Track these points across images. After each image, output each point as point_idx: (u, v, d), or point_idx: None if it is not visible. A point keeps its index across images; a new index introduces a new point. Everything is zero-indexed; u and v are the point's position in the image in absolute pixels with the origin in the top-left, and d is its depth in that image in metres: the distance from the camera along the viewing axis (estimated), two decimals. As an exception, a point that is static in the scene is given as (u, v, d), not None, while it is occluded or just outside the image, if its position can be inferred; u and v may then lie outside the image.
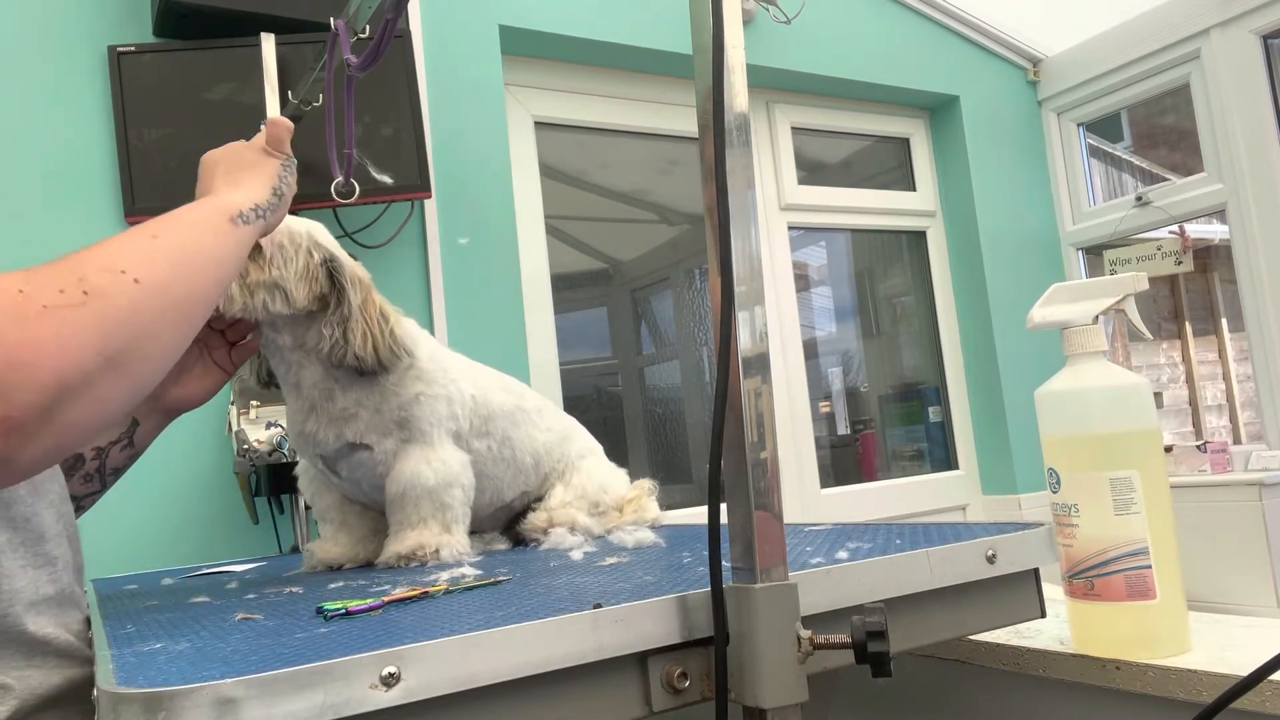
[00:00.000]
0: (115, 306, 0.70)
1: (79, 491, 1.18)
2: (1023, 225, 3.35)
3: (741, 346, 0.69)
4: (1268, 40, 2.86)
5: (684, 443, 2.86)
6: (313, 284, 1.12)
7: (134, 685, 0.56)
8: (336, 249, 1.17)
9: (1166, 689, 0.92)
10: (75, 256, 0.71)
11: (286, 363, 1.16)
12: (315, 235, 1.15)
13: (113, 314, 0.70)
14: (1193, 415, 5.87)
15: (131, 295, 0.72)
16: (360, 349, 1.11)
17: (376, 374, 1.14)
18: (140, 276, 0.73)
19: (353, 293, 1.13)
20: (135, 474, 1.59)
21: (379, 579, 1.03)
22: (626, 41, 2.60)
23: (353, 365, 1.12)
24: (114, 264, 0.72)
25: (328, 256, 1.14)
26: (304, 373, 1.15)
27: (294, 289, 1.10)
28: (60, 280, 0.68)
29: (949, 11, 3.25)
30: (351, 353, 1.11)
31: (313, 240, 1.14)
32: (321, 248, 1.14)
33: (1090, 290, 1.04)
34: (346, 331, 1.11)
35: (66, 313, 0.66)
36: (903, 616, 0.80)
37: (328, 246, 1.15)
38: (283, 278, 1.09)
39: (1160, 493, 0.97)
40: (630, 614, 0.68)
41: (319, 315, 1.13)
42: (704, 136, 0.72)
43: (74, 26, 1.94)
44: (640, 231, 2.95)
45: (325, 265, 1.13)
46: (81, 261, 0.71)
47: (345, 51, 1.45)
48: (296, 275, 1.10)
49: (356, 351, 1.11)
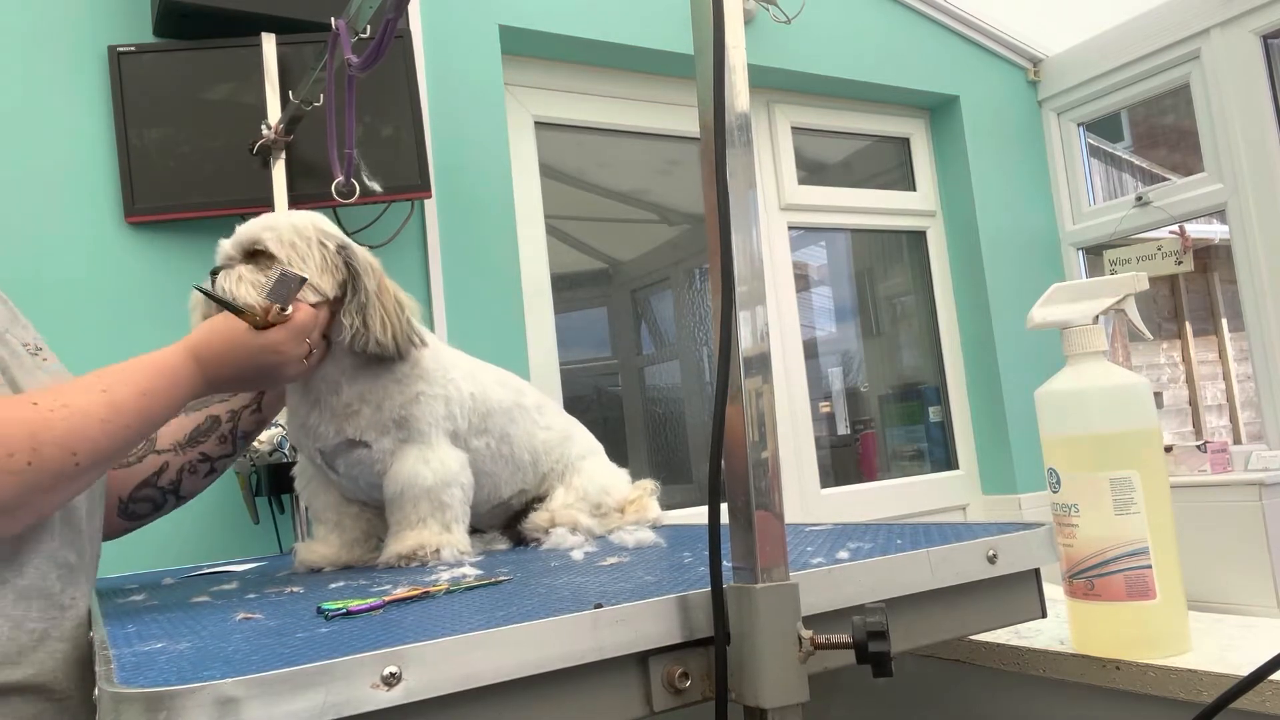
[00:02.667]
0: (47, 474, 0.86)
1: (214, 452, 1.25)
2: (1023, 225, 3.35)
3: (742, 346, 0.69)
4: (1268, 40, 2.86)
5: (684, 443, 2.86)
6: (334, 273, 1.12)
7: (135, 685, 0.56)
8: (344, 236, 1.17)
9: (1166, 689, 0.92)
10: (44, 418, 0.86)
11: None
12: (321, 225, 1.15)
13: (40, 482, 0.86)
14: (1193, 415, 5.87)
15: (67, 471, 0.87)
16: (381, 335, 1.11)
17: (394, 361, 1.14)
18: (82, 460, 0.88)
19: (368, 279, 1.13)
20: (135, 474, 1.59)
21: (379, 579, 1.03)
22: (626, 41, 2.60)
23: (375, 352, 1.12)
24: (68, 444, 0.87)
25: (340, 244, 1.14)
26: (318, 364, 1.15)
27: (320, 281, 1.10)
28: (15, 445, 0.83)
29: (949, 11, 3.25)
30: (373, 339, 1.11)
31: (321, 231, 1.14)
32: (331, 236, 1.14)
33: (1090, 290, 1.04)
34: (366, 318, 1.11)
35: (3, 476, 0.83)
36: (903, 616, 0.80)
37: (336, 235, 1.16)
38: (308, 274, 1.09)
39: (1160, 493, 0.97)
40: (631, 614, 0.68)
41: (336, 304, 1.13)
42: (704, 136, 0.72)
43: (74, 26, 1.94)
44: (640, 231, 2.95)
45: (340, 254, 1.13)
46: (47, 427, 0.86)
47: (346, 51, 1.45)
48: (319, 269, 1.10)
49: (378, 337, 1.11)
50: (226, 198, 1.93)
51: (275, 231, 1.11)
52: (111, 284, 1.90)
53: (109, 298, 1.89)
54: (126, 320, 1.89)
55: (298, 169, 1.92)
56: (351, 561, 1.21)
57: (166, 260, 1.94)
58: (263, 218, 1.14)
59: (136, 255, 1.93)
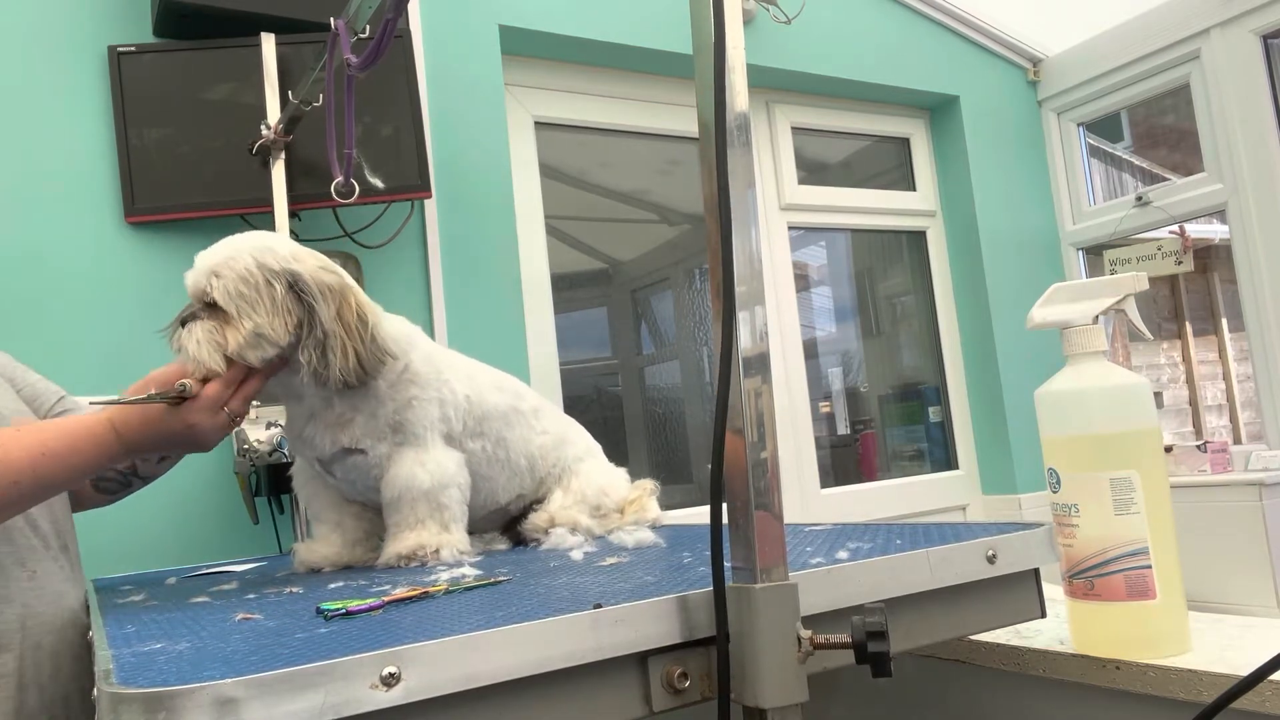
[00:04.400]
0: None
1: None
2: (1023, 225, 3.35)
3: (742, 346, 0.69)
4: (1268, 40, 2.86)
5: (684, 443, 2.86)
6: (287, 316, 1.07)
7: (134, 685, 0.56)
8: (292, 260, 1.10)
9: (1167, 689, 0.92)
10: None
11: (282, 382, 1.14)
12: (265, 261, 1.08)
13: None
14: (1193, 415, 5.87)
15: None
16: (341, 367, 1.08)
17: (363, 384, 1.12)
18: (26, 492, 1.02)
19: (323, 308, 1.08)
20: (135, 474, 1.59)
21: (379, 579, 1.03)
22: (626, 41, 2.60)
23: (338, 385, 1.09)
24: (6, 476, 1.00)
25: (289, 279, 1.08)
26: (303, 387, 1.14)
27: (271, 331, 1.06)
28: None
29: (949, 11, 3.25)
30: (334, 375, 1.08)
31: (266, 270, 1.07)
32: (279, 275, 1.08)
33: (1090, 290, 1.04)
34: (326, 351, 1.07)
35: None
36: (903, 616, 0.80)
37: (283, 267, 1.09)
38: (259, 325, 1.05)
39: (1160, 493, 0.97)
40: (630, 614, 0.67)
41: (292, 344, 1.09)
42: (704, 136, 0.72)
43: (74, 26, 1.94)
44: (640, 231, 2.95)
45: (292, 290, 1.08)
46: None
47: (345, 51, 1.45)
48: (269, 315, 1.06)
49: (338, 372, 1.08)
50: (226, 198, 1.93)
51: (221, 280, 1.06)
52: (111, 284, 1.90)
53: (109, 298, 1.89)
54: (126, 320, 1.89)
55: (297, 169, 1.92)
56: (352, 562, 1.21)
57: (166, 260, 1.93)
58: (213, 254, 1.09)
59: (136, 255, 1.93)
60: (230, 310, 1.05)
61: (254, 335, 1.05)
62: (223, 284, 1.06)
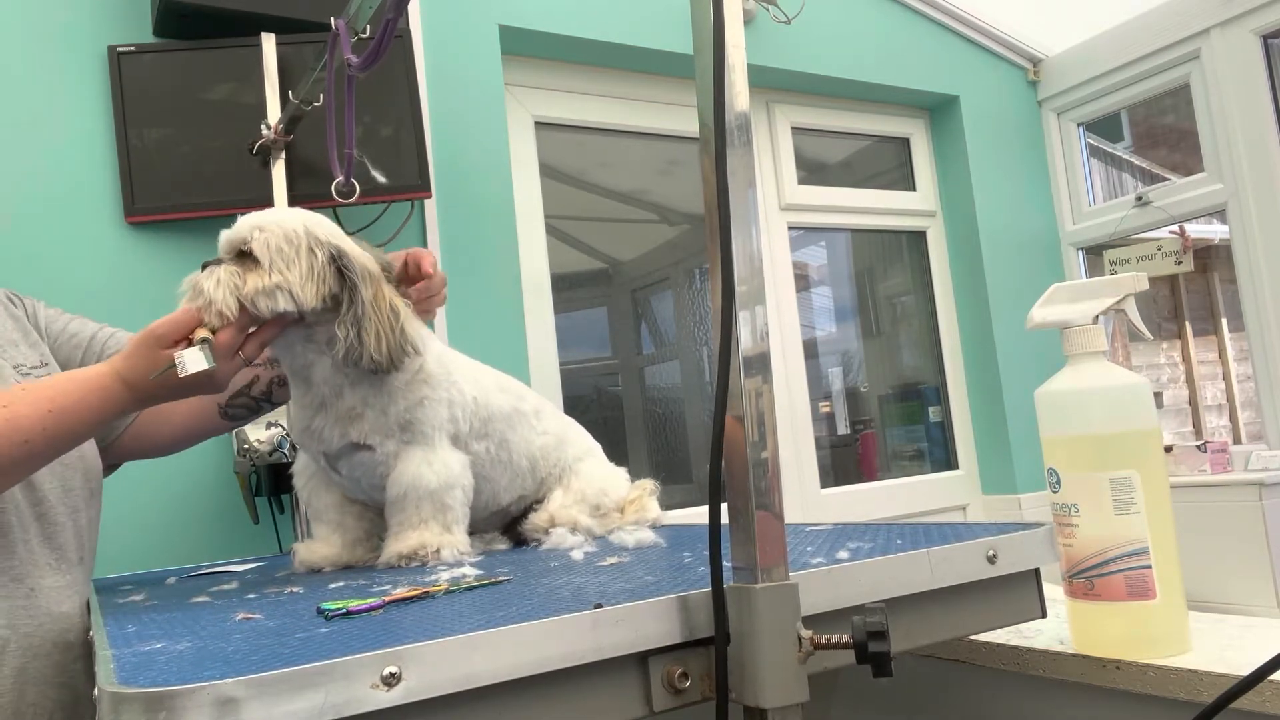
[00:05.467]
0: None
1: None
2: (1023, 225, 3.35)
3: (742, 346, 0.69)
4: (1268, 40, 2.86)
5: (684, 443, 2.86)
6: (320, 285, 1.08)
7: (135, 685, 0.56)
8: (343, 240, 1.13)
9: (1166, 689, 0.92)
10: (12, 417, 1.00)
11: (297, 357, 1.14)
12: (314, 231, 1.10)
13: None
14: (1193, 415, 5.87)
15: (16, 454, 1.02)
16: (375, 350, 1.08)
17: (389, 373, 1.13)
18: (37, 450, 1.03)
19: (364, 289, 1.09)
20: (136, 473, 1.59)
21: (379, 579, 1.03)
22: (626, 41, 2.60)
23: (368, 367, 1.10)
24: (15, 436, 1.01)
25: (335, 253, 1.10)
26: (314, 369, 1.14)
27: (299, 291, 1.06)
28: None
29: (949, 11, 3.25)
30: (368, 354, 1.08)
31: (313, 238, 1.09)
32: (324, 244, 1.10)
33: (1090, 290, 1.04)
34: (361, 332, 1.08)
35: None
36: (903, 616, 0.80)
37: (331, 241, 1.11)
38: (285, 282, 1.06)
39: (1160, 493, 0.97)
40: (631, 614, 0.68)
41: (331, 312, 1.10)
42: (704, 136, 0.72)
43: (74, 26, 1.94)
44: (640, 231, 2.95)
45: (333, 263, 1.10)
46: None
47: (345, 51, 1.45)
48: (302, 277, 1.07)
49: (372, 354, 1.08)
50: (226, 198, 1.93)
51: (264, 234, 1.08)
52: (111, 284, 1.90)
53: (109, 298, 1.89)
54: (126, 320, 1.88)
55: (298, 169, 1.92)
56: (352, 561, 1.20)
57: (166, 260, 1.93)
58: (261, 214, 1.11)
59: (136, 255, 1.93)
60: (264, 261, 1.06)
61: (273, 287, 1.05)
62: (265, 236, 1.07)
